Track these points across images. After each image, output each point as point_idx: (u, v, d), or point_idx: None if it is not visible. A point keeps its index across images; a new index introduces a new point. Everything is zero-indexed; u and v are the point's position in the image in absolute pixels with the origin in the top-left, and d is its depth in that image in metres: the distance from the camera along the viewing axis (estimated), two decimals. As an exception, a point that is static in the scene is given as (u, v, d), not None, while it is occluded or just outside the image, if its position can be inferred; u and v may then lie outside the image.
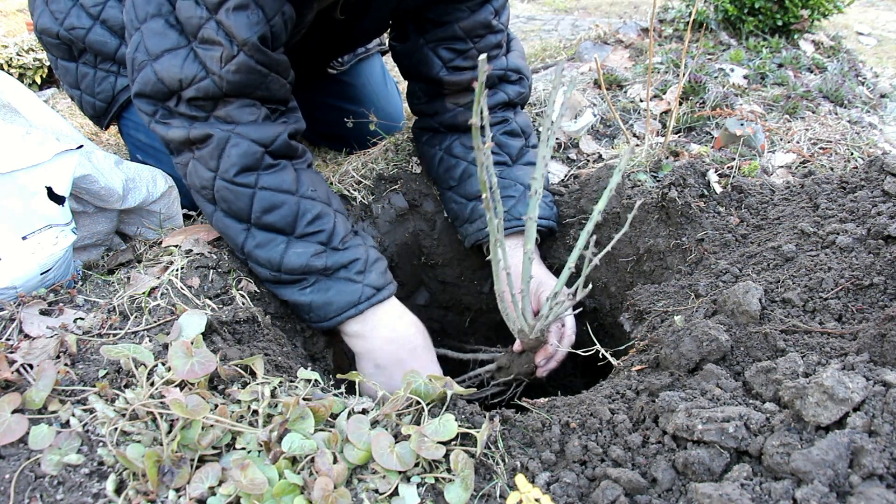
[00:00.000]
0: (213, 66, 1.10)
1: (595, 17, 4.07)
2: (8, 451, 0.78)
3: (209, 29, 1.08)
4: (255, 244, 1.18)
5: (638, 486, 0.75)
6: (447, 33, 1.43)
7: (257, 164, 1.16)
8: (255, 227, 1.18)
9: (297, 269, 1.18)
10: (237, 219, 1.18)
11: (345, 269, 1.21)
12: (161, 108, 1.16)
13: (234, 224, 1.18)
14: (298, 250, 1.18)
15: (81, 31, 1.50)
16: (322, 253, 1.19)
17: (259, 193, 1.16)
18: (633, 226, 1.51)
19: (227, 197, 1.16)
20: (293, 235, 1.19)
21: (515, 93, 1.54)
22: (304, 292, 1.20)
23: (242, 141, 1.14)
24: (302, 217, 1.19)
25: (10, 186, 1.05)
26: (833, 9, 2.57)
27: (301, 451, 0.79)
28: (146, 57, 1.12)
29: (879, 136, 1.85)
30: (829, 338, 0.93)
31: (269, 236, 1.18)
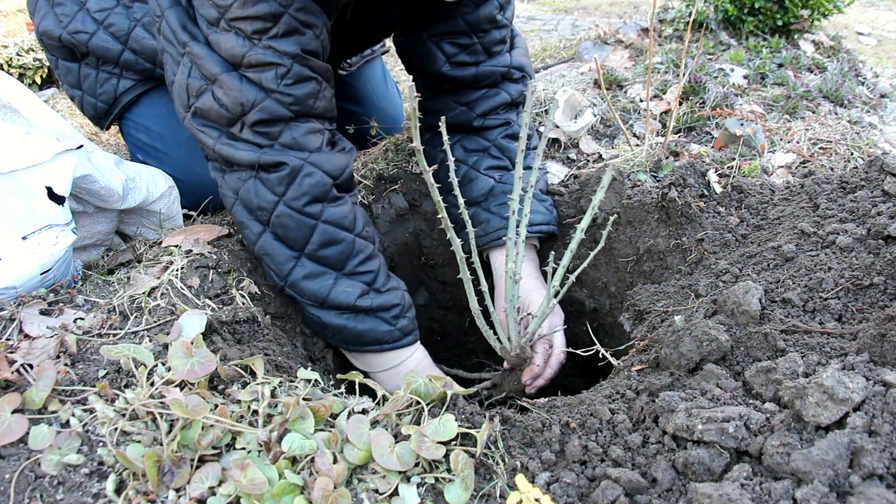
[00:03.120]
0: (270, 85, 1.11)
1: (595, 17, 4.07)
2: (8, 451, 0.78)
3: (257, 54, 1.10)
4: (303, 274, 1.20)
5: (638, 486, 0.75)
6: (451, 27, 1.43)
7: (325, 196, 1.18)
8: (306, 258, 1.20)
9: (343, 307, 1.23)
10: (290, 246, 1.19)
11: (384, 311, 1.27)
12: (226, 132, 1.17)
13: (284, 251, 1.19)
14: (346, 289, 1.22)
15: (85, 36, 1.49)
16: (367, 294, 1.24)
17: (321, 226, 1.18)
18: (633, 226, 1.51)
19: (287, 224, 1.17)
20: (342, 272, 1.22)
21: (518, 92, 1.54)
22: (341, 317, 1.25)
23: (316, 172, 1.17)
24: (355, 256, 1.23)
25: (10, 186, 1.05)
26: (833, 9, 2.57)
27: (301, 451, 0.79)
28: (204, 82, 1.14)
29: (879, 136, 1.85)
30: (829, 338, 0.93)
31: (320, 269, 1.20)
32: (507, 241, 1.10)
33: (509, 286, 1.12)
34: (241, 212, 1.21)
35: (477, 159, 1.54)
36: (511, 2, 1.49)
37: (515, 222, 1.09)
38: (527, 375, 1.32)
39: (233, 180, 1.19)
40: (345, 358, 1.41)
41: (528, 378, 1.32)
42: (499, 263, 1.51)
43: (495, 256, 1.52)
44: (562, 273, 1.07)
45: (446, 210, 1.05)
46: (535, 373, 1.32)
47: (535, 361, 1.31)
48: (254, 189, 1.17)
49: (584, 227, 1.06)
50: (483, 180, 1.52)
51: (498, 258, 1.51)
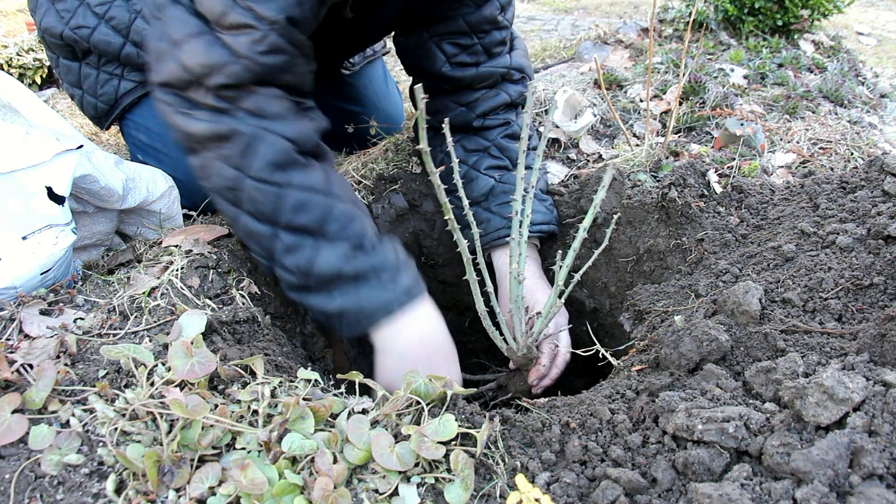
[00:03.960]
0: (243, 50, 1.05)
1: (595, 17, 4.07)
2: (8, 451, 0.78)
3: (236, 14, 1.04)
4: (283, 248, 1.10)
5: (638, 486, 0.75)
6: (452, 27, 1.43)
7: (288, 162, 1.09)
8: (283, 231, 1.10)
9: (328, 275, 1.10)
10: (266, 221, 1.10)
11: (375, 274, 1.12)
12: (183, 98, 1.09)
13: (262, 227, 1.10)
14: (328, 253, 1.10)
15: (86, 31, 1.49)
16: (353, 258, 1.11)
17: (291, 193, 1.08)
18: (633, 226, 1.51)
19: (256, 197, 1.08)
20: (323, 238, 1.11)
21: (517, 93, 1.54)
22: (333, 299, 1.11)
23: (272, 136, 1.08)
24: (335, 219, 1.11)
25: (10, 186, 1.05)
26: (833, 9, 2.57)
27: (301, 451, 0.79)
28: (169, 45, 1.07)
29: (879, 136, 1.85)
30: (829, 338, 0.93)
31: (298, 239, 1.10)
32: (511, 241, 1.10)
33: (513, 286, 1.12)
34: (217, 200, 1.14)
35: (477, 159, 1.54)
36: (512, 3, 1.49)
37: (518, 222, 1.10)
38: (533, 376, 1.32)
39: (196, 169, 1.13)
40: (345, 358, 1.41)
41: (534, 378, 1.32)
42: (501, 263, 1.51)
43: (497, 256, 1.52)
44: (566, 273, 1.07)
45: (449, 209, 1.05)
46: (541, 373, 1.32)
47: (541, 362, 1.31)
48: (217, 169, 1.09)
49: (586, 227, 1.06)
50: (483, 180, 1.52)
51: (500, 258, 1.51)
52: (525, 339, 1.18)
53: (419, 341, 1.16)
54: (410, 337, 1.15)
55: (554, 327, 1.39)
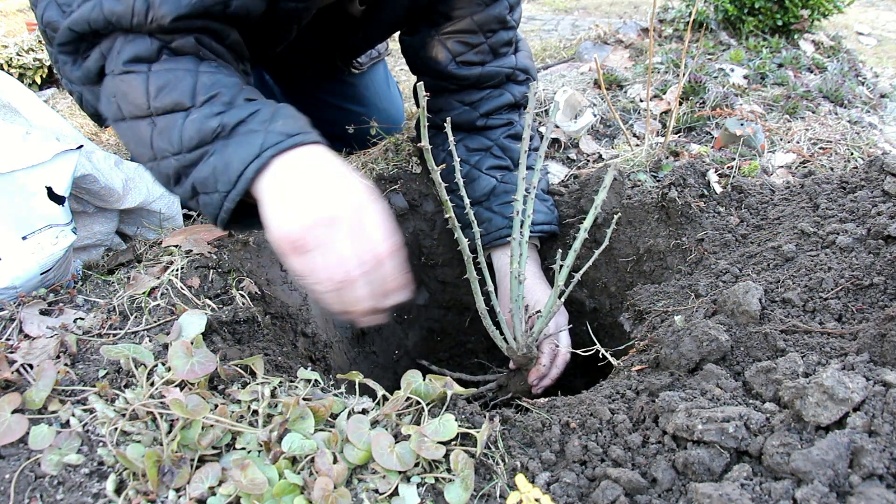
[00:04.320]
0: None
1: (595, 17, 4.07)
2: (8, 451, 0.78)
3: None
4: (158, 132, 0.97)
5: (638, 486, 0.75)
6: (460, 26, 1.43)
7: (152, 57, 0.98)
8: (156, 116, 0.97)
9: (194, 138, 0.94)
10: (139, 115, 0.97)
11: (243, 124, 0.94)
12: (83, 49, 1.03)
13: (139, 124, 0.98)
14: (194, 116, 0.95)
15: None
16: (220, 114, 0.95)
17: (152, 75, 0.97)
18: (633, 226, 1.51)
19: (120, 91, 0.97)
20: (193, 107, 0.96)
21: (521, 94, 1.54)
22: (207, 163, 0.94)
23: (140, 37, 0.97)
24: (202, 88, 0.97)
25: (10, 186, 1.05)
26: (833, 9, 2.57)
27: (301, 451, 0.79)
28: None
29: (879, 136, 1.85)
30: (829, 338, 0.93)
31: (170, 119, 0.96)
32: (512, 241, 1.10)
33: (514, 286, 1.12)
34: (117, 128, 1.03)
35: (479, 158, 1.54)
36: (520, 3, 1.49)
37: (519, 222, 1.10)
38: (533, 376, 1.32)
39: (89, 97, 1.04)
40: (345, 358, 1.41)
41: (534, 378, 1.32)
42: (501, 263, 1.51)
43: (498, 256, 1.52)
44: (566, 273, 1.08)
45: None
46: (541, 373, 1.32)
47: (541, 361, 1.31)
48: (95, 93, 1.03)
49: (587, 227, 1.06)
50: (485, 180, 1.52)
51: (500, 258, 1.51)
52: (525, 339, 1.18)
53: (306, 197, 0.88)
54: (294, 194, 0.89)
55: (554, 327, 1.39)
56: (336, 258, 0.86)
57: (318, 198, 0.87)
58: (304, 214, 0.86)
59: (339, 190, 0.89)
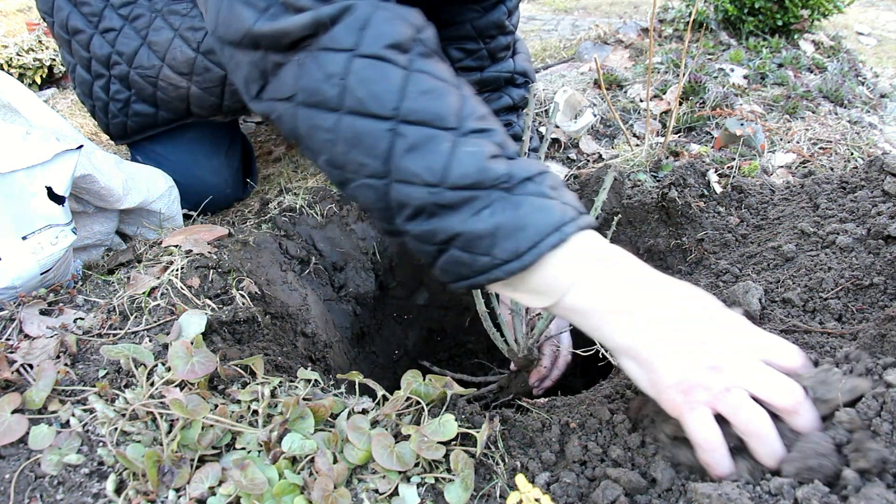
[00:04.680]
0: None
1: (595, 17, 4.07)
2: (8, 451, 0.78)
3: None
4: (406, 147, 0.77)
5: (638, 486, 0.75)
6: (458, 32, 1.42)
7: (409, 46, 0.81)
8: (404, 124, 0.78)
9: (471, 177, 0.76)
10: (378, 115, 0.78)
11: (532, 183, 0.78)
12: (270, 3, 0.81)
13: (374, 125, 0.77)
14: (470, 149, 0.78)
15: (113, 34, 1.47)
16: (499, 157, 0.79)
17: (414, 75, 0.79)
18: (633, 226, 1.51)
19: (367, 77, 0.77)
20: (459, 132, 0.79)
21: (519, 97, 1.55)
22: (481, 216, 0.75)
23: (393, 17, 0.81)
24: (471, 112, 0.80)
25: (10, 186, 1.05)
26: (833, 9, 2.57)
27: (301, 451, 0.79)
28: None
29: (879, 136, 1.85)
30: (829, 338, 0.93)
31: (428, 133, 0.77)
32: None
33: None
34: (306, 116, 0.80)
35: None
36: (518, 8, 1.49)
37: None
38: (534, 377, 1.32)
39: (288, 77, 0.80)
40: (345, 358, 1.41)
41: (535, 380, 1.32)
42: None
43: None
44: None
45: None
46: (542, 374, 1.31)
47: (542, 363, 1.31)
48: (316, 63, 0.78)
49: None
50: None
51: None
52: (526, 341, 1.18)
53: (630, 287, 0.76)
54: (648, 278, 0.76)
55: (555, 328, 1.39)
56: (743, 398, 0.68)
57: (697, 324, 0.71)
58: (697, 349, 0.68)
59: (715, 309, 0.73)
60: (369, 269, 1.69)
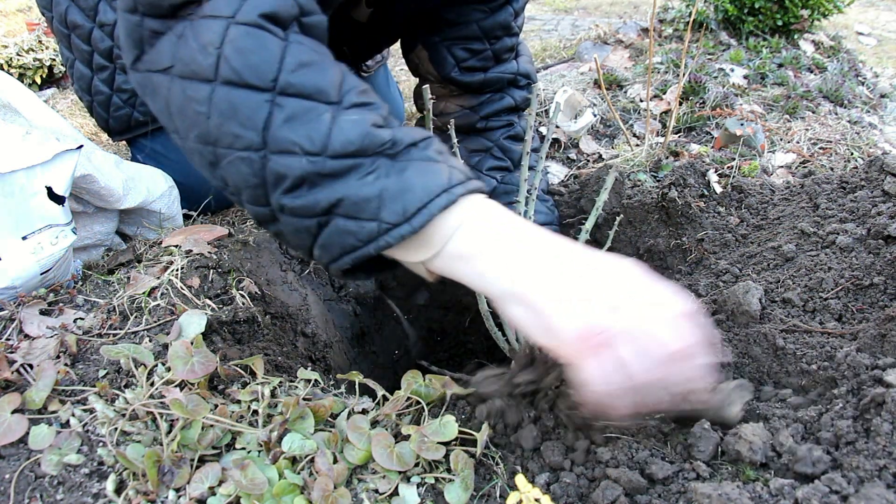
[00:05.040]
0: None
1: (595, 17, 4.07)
2: (8, 451, 0.78)
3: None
4: (284, 117, 0.73)
5: (637, 486, 0.75)
6: (464, 33, 1.42)
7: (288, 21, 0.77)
8: (283, 96, 0.74)
9: (354, 143, 0.73)
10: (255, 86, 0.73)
11: (416, 148, 0.75)
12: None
13: (251, 95, 0.73)
14: (353, 117, 0.74)
15: (110, 28, 1.46)
16: (382, 127, 0.75)
17: (291, 46, 0.75)
18: (633, 226, 1.51)
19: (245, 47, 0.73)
20: (339, 105, 0.75)
21: (521, 98, 1.55)
22: (366, 181, 0.72)
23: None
24: (351, 87, 0.77)
25: (10, 186, 1.05)
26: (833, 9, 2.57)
27: (301, 451, 0.79)
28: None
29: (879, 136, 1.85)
30: (829, 338, 0.93)
31: (307, 105, 0.74)
32: None
33: None
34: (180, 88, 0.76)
35: (479, 160, 1.54)
36: (524, 10, 1.49)
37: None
38: None
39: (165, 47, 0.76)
40: (345, 358, 1.41)
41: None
42: None
43: None
44: None
45: None
46: None
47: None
48: (194, 32, 0.74)
49: (588, 229, 1.06)
50: (485, 181, 1.52)
51: None
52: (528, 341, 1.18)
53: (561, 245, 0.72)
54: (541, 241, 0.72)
55: None
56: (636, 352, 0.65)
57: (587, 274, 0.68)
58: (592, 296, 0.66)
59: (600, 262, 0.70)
60: (369, 269, 1.69)
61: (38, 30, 2.80)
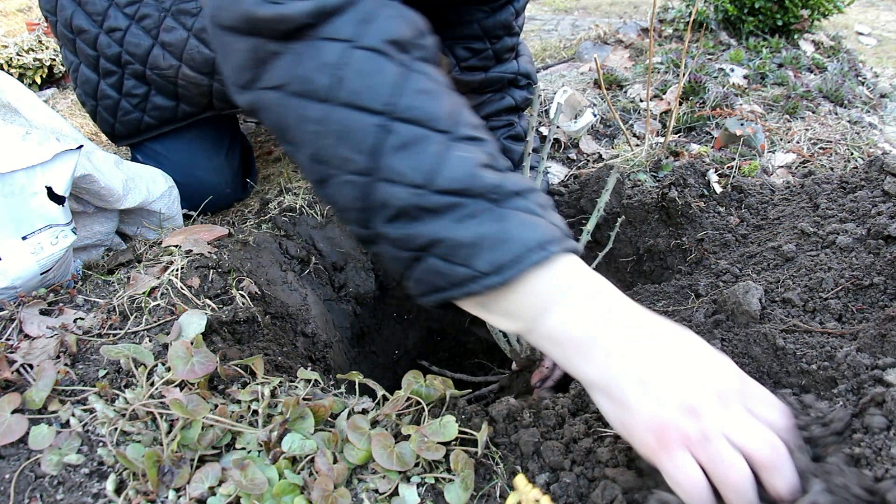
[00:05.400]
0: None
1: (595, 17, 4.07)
2: (8, 451, 0.78)
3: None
4: (396, 144, 0.72)
5: (636, 486, 0.75)
6: (466, 32, 1.42)
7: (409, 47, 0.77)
8: (397, 121, 0.74)
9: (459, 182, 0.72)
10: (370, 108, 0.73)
11: (521, 198, 0.74)
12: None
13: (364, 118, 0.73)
14: (461, 154, 0.74)
15: (119, 34, 1.46)
16: (491, 167, 0.75)
17: (411, 73, 0.75)
18: (633, 226, 1.51)
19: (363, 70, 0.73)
20: (452, 135, 0.75)
21: (522, 98, 1.55)
22: (465, 224, 0.71)
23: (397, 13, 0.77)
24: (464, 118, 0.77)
25: (10, 186, 1.05)
26: (833, 9, 2.57)
27: (301, 451, 0.79)
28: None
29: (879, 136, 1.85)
30: (829, 338, 0.93)
31: (419, 132, 0.73)
32: None
33: None
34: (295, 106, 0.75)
35: None
36: (524, 10, 1.49)
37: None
38: (535, 378, 1.31)
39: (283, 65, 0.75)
40: (345, 358, 1.41)
41: (536, 380, 1.32)
42: None
43: None
44: None
45: None
46: (543, 374, 1.31)
47: (544, 363, 1.31)
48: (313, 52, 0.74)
49: (589, 230, 1.06)
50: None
51: None
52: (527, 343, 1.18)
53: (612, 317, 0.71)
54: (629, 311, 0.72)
55: None
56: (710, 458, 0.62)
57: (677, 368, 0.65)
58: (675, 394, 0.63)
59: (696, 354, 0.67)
60: (369, 269, 1.69)
61: (38, 30, 2.80)
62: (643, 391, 0.65)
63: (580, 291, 0.71)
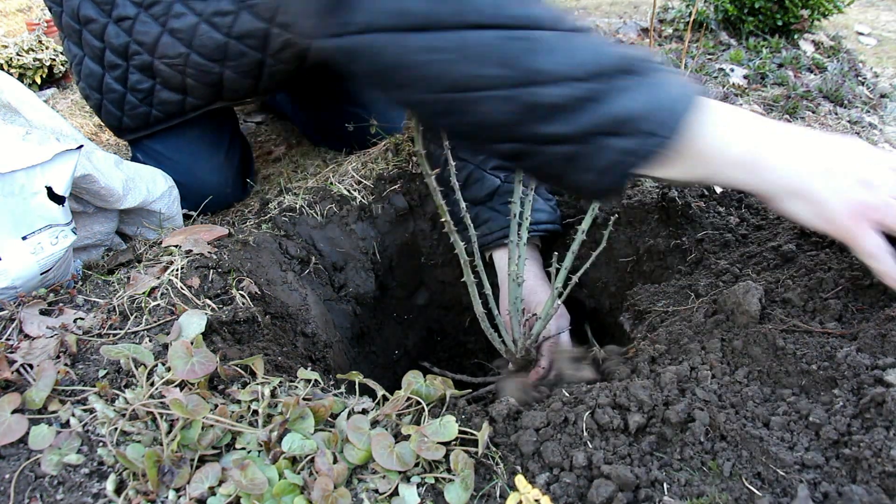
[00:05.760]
0: None
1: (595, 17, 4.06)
2: (8, 451, 0.78)
3: None
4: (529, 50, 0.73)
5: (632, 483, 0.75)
6: None
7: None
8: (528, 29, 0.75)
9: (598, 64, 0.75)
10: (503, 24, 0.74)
11: (649, 62, 0.80)
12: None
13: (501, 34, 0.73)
14: (595, 40, 0.78)
15: (129, 23, 1.43)
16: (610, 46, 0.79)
17: None
18: (633, 226, 1.51)
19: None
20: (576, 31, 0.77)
21: None
22: (631, 96, 0.75)
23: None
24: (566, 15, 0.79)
25: (10, 186, 1.05)
26: (833, 9, 2.57)
27: (301, 451, 0.79)
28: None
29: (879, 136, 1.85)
30: (829, 338, 0.93)
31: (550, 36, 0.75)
32: (510, 243, 1.10)
33: (513, 289, 1.12)
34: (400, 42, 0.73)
35: (483, 158, 1.54)
36: None
37: (517, 224, 1.10)
38: (533, 377, 1.31)
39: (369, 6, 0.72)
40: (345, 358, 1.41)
41: (534, 380, 1.32)
42: (503, 263, 1.51)
43: (500, 256, 1.52)
44: (564, 274, 1.07)
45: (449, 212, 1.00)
46: (540, 375, 1.31)
47: (540, 364, 1.31)
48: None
49: (584, 229, 1.06)
50: (489, 180, 1.52)
51: (502, 258, 1.51)
52: (524, 341, 1.18)
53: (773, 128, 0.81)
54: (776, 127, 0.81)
55: (555, 328, 1.39)
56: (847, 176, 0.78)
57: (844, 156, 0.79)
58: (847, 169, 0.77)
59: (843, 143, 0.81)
60: (369, 269, 1.69)
61: (38, 30, 2.80)
62: (830, 183, 0.76)
63: (740, 119, 0.80)
